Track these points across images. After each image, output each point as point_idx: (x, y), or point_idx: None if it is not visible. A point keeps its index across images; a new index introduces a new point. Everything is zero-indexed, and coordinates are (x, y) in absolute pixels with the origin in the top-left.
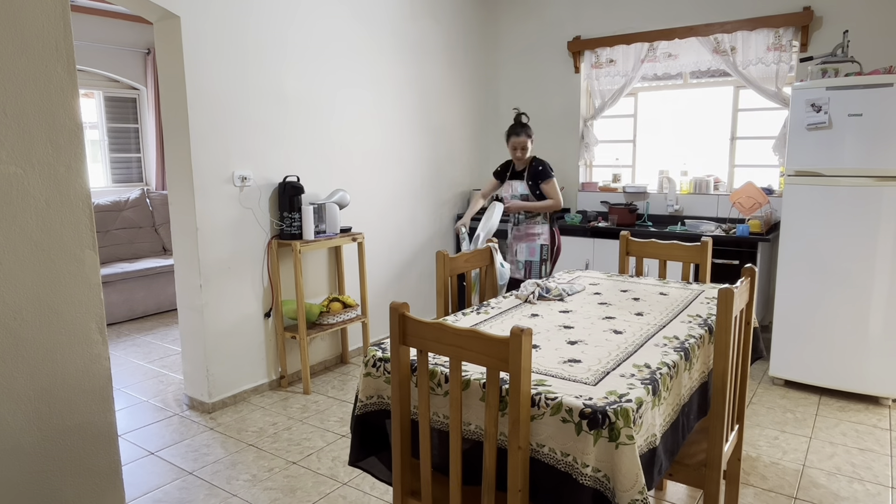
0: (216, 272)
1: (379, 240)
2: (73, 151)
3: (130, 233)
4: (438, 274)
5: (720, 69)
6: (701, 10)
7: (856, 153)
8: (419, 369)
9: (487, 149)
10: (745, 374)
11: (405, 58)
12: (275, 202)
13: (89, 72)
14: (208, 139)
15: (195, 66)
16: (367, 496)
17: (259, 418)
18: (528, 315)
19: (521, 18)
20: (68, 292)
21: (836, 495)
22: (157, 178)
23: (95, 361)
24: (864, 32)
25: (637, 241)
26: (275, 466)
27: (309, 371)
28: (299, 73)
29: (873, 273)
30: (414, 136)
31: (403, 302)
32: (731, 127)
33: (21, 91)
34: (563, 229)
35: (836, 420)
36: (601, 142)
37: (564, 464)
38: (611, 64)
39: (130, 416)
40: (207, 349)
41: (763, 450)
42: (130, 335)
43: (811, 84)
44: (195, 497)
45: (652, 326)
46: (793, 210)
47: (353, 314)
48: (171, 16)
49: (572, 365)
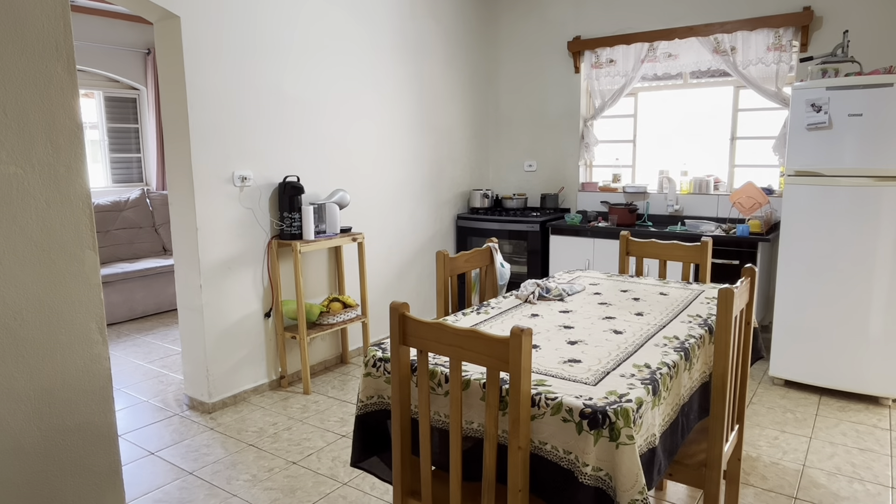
0: (216, 272)
1: (379, 240)
2: (73, 151)
3: (130, 233)
4: (438, 274)
5: (720, 69)
6: (701, 10)
7: (856, 153)
8: (419, 369)
9: (487, 149)
10: (745, 374)
11: (405, 57)
12: (275, 202)
13: (89, 72)
14: (208, 139)
15: (195, 66)
16: (367, 496)
17: (259, 418)
18: (528, 315)
19: (522, 18)
20: (68, 292)
21: (836, 495)
22: (157, 178)
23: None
24: (864, 32)
25: (637, 241)
26: (275, 466)
27: (309, 371)
28: (299, 72)
29: (873, 273)
30: (414, 135)
31: (403, 302)
32: (731, 127)
33: (21, 91)
34: (563, 229)
35: (836, 420)
36: (601, 142)
37: (567, 461)
38: (611, 64)
39: (130, 416)
40: (207, 349)
41: (763, 450)
42: (130, 335)
43: (811, 84)
44: (195, 497)
45: (652, 326)
46: (793, 210)
47: (353, 314)
48: (171, 16)
49: (572, 365)
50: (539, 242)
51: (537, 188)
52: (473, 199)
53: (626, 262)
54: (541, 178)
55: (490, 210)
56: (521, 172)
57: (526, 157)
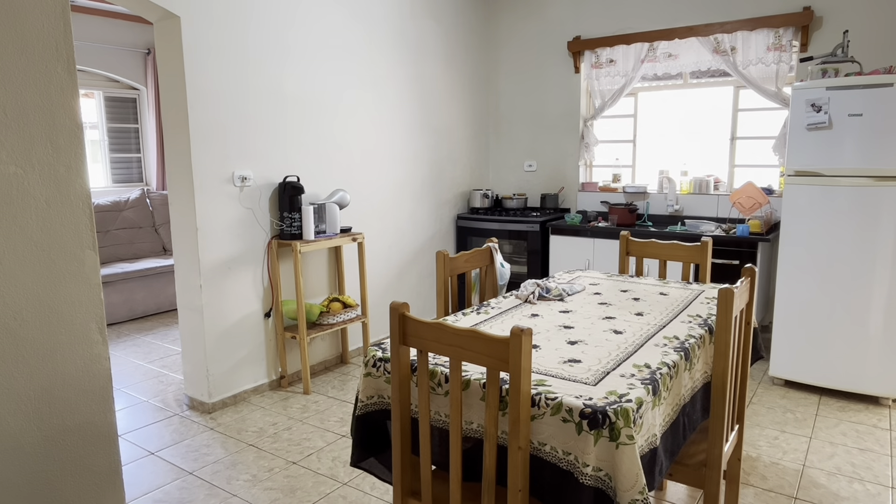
0: (216, 272)
1: (379, 240)
2: (73, 151)
3: (130, 233)
4: (438, 274)
5: (720, 69)
6: (701, 10)
7: (856, 153)
8: (419, 369)
9: (487, 149)
10: (745, 374)
11: (405, 57)
12: (275, 202)
13: (89, 72)
14: (208, 139)
15: (195, 66)
16: (367, 496)
17: (259, 418)
18: (528, 315)
19: (522, 18)
20: (68, 292)
21: (836, 495)
22: (157, 178)
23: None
24: (864, 32)
25: (637, 242)
26: (275, 466)
27: (309, 371)
28: (299, 72)
29: (873, 273)
30: (414, 135)
31: (403, 302)
32: (731, 127)
33: (21, 91)
34: (563, 229)
35: (836, 420)
36: (601, 142)
37: (566, 462)
38: (611, 64)
39: (130, 416)
40: (207, 349)
41: (763, 450)
42: (130, 335)
43: (811, 84)
44: (195, 497)
45: (652, 326)
46: (793, 210)
47: (353, 314)
48: (171, 16)
49: (572, 365)
50: (539, 242)
51: (537, 188)
52: (473, 199)
53: (626, 262)
54: (541, 178)
55: (490, 210)
56: (521, 172)
57: (526, 157)
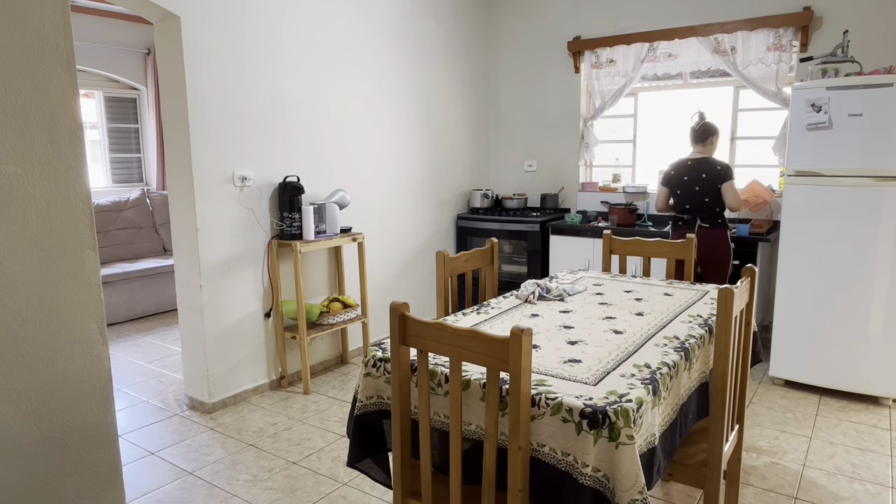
0: (216, 272)
1: (379, 240)
2: (73, 151)
3: (130, 233)
4: (438, 274)
5: (720, 69)
6: (701, 11)
7: (856, 153)
8: (419, 369)
9: (487, 149)
10: (746, 374)
11: (405, 57)
12: (275, 202)
13: (89, 72)
14: (208, 139)
15: (195, 66)
16: (367, 496)
17: (259, 418)
18: (528, 315)
19: (522, 18)
20: (68, 292)
21: (836, 495)
22: (157, 178)
23: (95, 361)
24: (864, 32)
25: (620, 240)
26: (275, 466)
27: (309, 371)
28: (299, 72)
29: (873, 273)
30: (414, 135)
31: (403, 302)
32: (732, 127)
33: (21, 91)
34: (563, 229)
35: (836, 420)
36: (601, 142)
37: (565, 463)
38: (611, 64)
39: (131, 417)
40: (207, 349)
41: (763, 450)
42: (130, 335)
43: (811, 84)
44: (195, 497)
45: (652, 326)
46: (793, 210)
47: (353, 314)
48: (171, 16)
49: (572, 365)
50: (539, 242)
51: (537, 188)
52: (473, 199)
53: (609, 261)
54: (541, 178)
55: (490, 210)
56: (521, 172)
57: (526, 157)
